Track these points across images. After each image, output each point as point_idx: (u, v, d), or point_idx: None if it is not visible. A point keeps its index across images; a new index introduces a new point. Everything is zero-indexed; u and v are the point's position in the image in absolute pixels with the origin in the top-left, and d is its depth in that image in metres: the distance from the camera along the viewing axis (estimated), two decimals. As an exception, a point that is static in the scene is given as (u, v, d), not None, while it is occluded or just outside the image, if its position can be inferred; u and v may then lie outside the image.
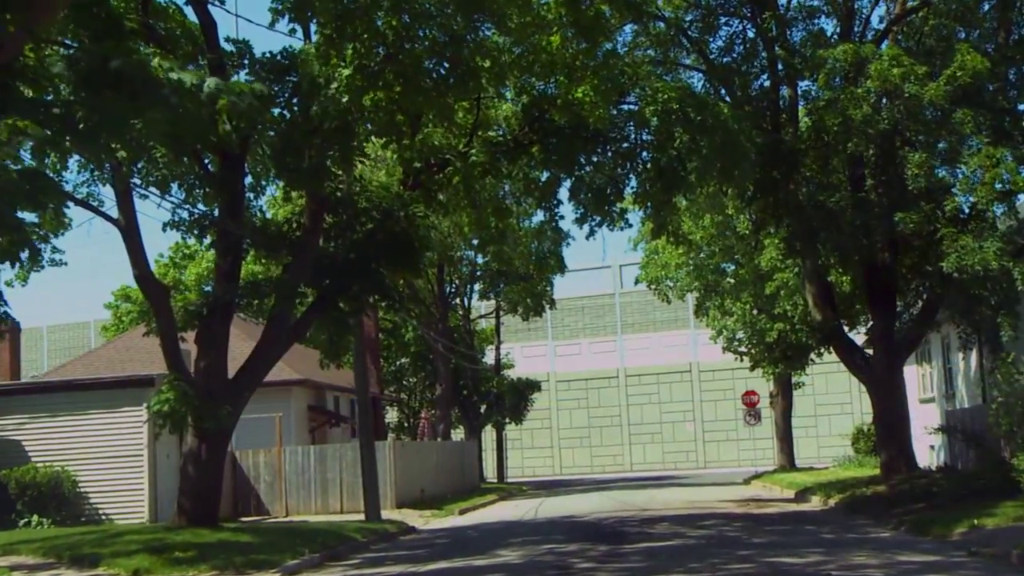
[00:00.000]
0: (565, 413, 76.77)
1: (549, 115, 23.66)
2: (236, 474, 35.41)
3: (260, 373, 22.76)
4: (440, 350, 52.56)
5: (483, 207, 25.42)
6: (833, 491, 30.10)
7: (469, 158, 23.16)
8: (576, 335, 77.60)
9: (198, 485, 21.90)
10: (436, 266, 53.40)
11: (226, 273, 21.99)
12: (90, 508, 28.41)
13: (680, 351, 74.83)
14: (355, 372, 28.72)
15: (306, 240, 22.14)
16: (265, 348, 22.37)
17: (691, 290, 48.86)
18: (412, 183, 23.75)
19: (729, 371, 70.63)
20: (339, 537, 22.72)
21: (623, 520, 26.87)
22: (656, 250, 49.82)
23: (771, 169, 25.16)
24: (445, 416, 53.51)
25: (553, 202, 26.20)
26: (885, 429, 29.07)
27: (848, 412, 70.27)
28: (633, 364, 76.01)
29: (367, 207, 22.68)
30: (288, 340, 22.92)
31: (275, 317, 22.48)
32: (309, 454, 35.40)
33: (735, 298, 45.63)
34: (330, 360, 23.66)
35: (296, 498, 35.09)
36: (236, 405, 22.22)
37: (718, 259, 47.80)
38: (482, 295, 58.87)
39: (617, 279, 77.26)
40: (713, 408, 74.02)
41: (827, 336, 29.63)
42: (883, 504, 24.94)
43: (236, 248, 22.08)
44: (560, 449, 76.79)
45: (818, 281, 29.86)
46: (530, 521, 29.15)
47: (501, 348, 62.90)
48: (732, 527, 23.27)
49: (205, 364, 21.93)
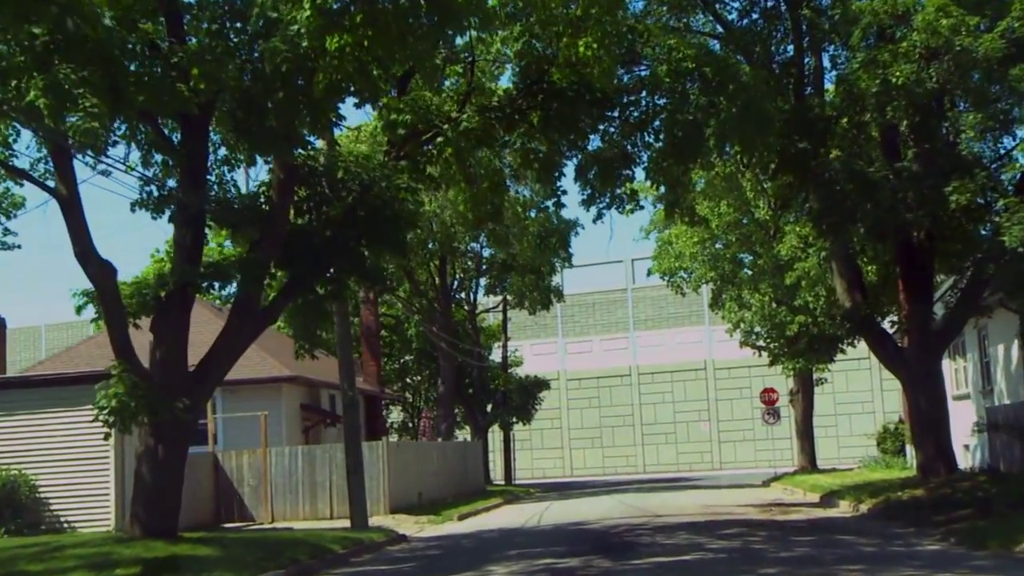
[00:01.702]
0: (576, 413, 74.67)
1: (549, 76, 21.16)
2: (218, 477, 33.02)
3: (225, 364, 20.26)
4: (443, 346, 50.11)
5: (479, 182, 22.88)
6: (864, 495, 27.56)
7: (460, 124, 20.68)
8: (587, 332, 75.43)
9: (154, 490, 19.44)
10: (439, 258, 50.98)
11: (186, 252, 19.51)
12: (51, 515, 25.94)
13: (695, 348, 72.78)
14: (339, 364, 26.25)
15: (274, 214, 19.64)
16: (230, 336, 19.87)
17: (707, 281, 46.28)
18: (397, 153, 21.27)
19: (745, 368, 68.82)
20: (315, 549, 20.23)
21: (634, 528, 24.33)
22: (669, 240, 47.31)
23: (797, 139, 22.56)
24: (448, 415, 51.06)
25: (554, 175, 23.58)
26: (922, 427, 26.45)
27: (870, 411, 68.12)
28: (646, 362, 74.07)
29: (345, 178, 20.16)
30: (256, 327, 20.40)
31: (241, 301, 19.99)
32: (297, 455, 32.96)
33: (753, 289, 43.03)
34: (306, 351, 21.14)
35: (283, 503, 32.66)
36: (197, 399, 19.76)
37: (735, 248, 45.25)
38: (489, 289, 56.39)
39: (629, 274, 75.02)
40: (729, 407, 71.89)
41: (858, 324, 27.00)
42: (923, 510, 22.43)
43: (197, 223, 19.60)
44: (571, 450, 74.65)
45: (847, 265, 27.26)
46: (532, 528, 26.66)
47: (509, 345, 60.50)
48: (756, 537, 20.72)
49: (162, 354, 19.47)
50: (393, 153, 21.31)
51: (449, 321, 52.22)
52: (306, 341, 21.02)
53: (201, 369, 19.97)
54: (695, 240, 44.95)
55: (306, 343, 21.03)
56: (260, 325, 20.41)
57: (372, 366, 49.44)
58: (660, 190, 29.12)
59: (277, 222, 19.62)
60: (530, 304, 53.28)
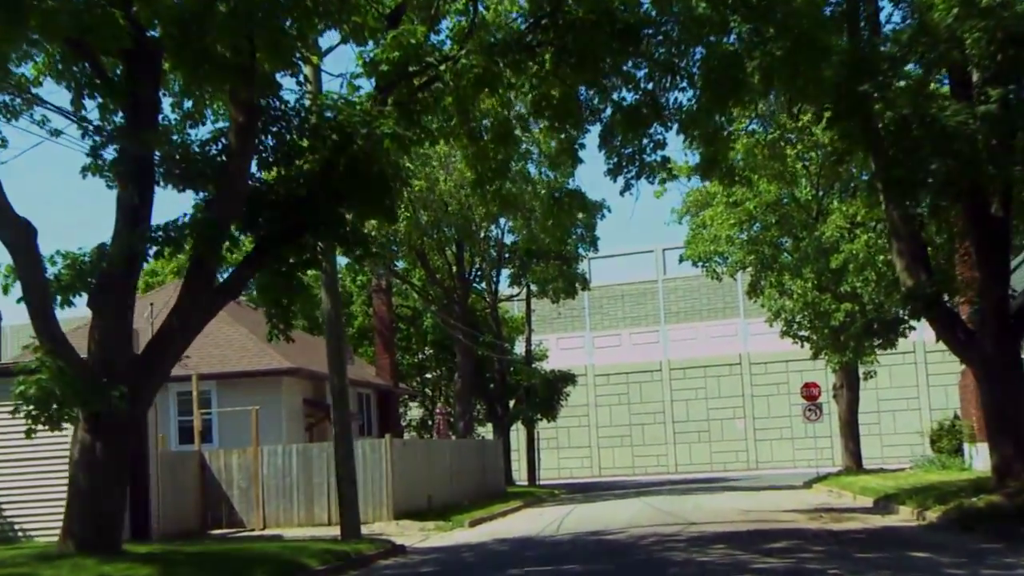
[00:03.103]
0: (604, 410, 71.42)
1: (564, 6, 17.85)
2: (205, 479, 29.91)
3: (178, 346, 17.04)
4: (459, 337, 46.87)
5: (483, 134, 19.54)
6: (928, 500, 24.16)
7: (459, 63, 17.41)
8: (616, 325, 72.08)
9: (91, 498, 16.26)
10: (455, 243, 47.77)
11: (130, 213, 16.33)
12: (4, 523, 22.98)
13: (729, 341, 69.39)
14: (327, 347, 23.02)
15: (232, 165, 16.43)
16: (183, 312, 16.66)
17: (744, 267, 42.68)
18: (384, 99, 17.99)
19: (783, 363, 65.81)
20: (284, 567, 16.97)
21: (664, 539, 20.96)
22: (703, 223, 43.85)
23: (856, 82, 19.06)
24: (465, 411, 47.82)
25: (569, 123, 20.22)
26: (997, 422, 22.88)
27: (915, 408, 64.76)
28: (678, 356, 70.66)
29: (320, 125, 16.94)
30: (215, 301, 17.13)
31: (194, 270, 16.74)
32: (291, 454, 29.77)
33: (795, 275, 39.50)
34: (280, 332, 17.86)
35: (276, 507, 29.51)
36: (144, 386, 16.57)
37: (774, 232, 41.72)
38: (513, 280, 53.06)
39: (660, 264, 71.61)
40: (765, 403, 68.49)
41: (924, 305, 23.47)
42: (1008, 520, 19.11)
43: (144, 178, 16.42)
44: (599, 449, 71.43)
45: (910, 237, 23.73)
46: (548, 538, 23.33)
47: (534, 339, 57.22)
48: (811, 552, 17.32)
49: (102, 336, 16.31)
50: (380, 98, 18.02)
51: (467, 310, 48.97)
52: (280, 321, 17.74)
53: (149, 353, 16.78)
54: (731, 222, 41.52)
55: (280, 323, 17.75)
56: (219, 299, 17.16)
57: (386, 359, 46.47)
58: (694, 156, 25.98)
59: (236, 175, 16.42)
60: (554, 292, 49.90)
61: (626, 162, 25.84)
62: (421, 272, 50.39)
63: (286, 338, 17.91)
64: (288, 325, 17.88)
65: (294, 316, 18.54)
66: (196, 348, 37.31)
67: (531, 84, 19.07)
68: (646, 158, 25.73)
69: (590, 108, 23.80)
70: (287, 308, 17.72)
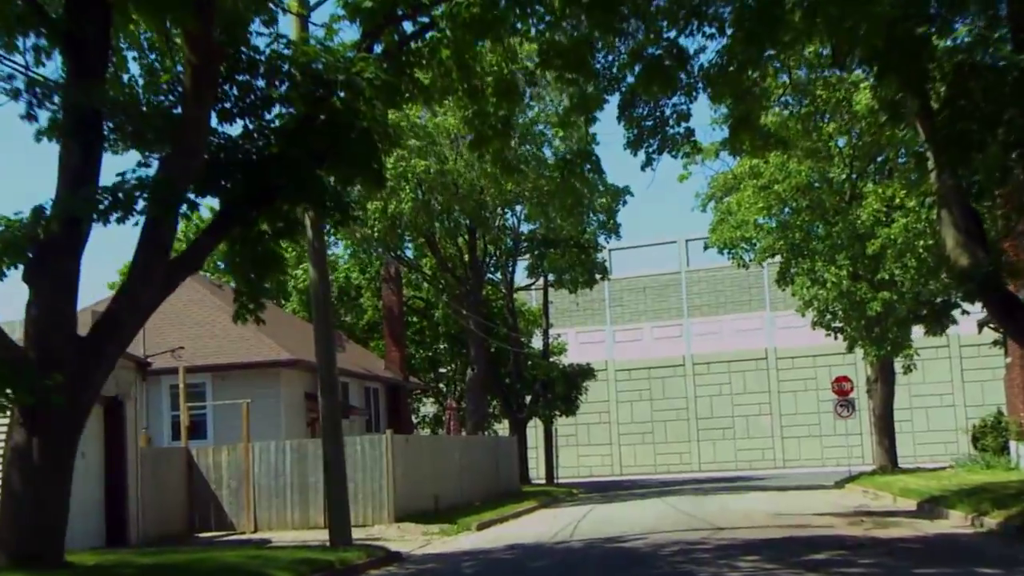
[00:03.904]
0: (625, 406, 69.25)
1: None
2: (192, 478, 27.79)
3: (129, 326, 14.72)
4: (471, 328, 44.59)
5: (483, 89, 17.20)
6: (983, 503, 21.74)
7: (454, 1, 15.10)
8: (637, 318, 69.80)
9: (27, 503, 14.02)
10: (467, 230, 45.52)
11: (73, 173, 14.10)
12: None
13: (755, 335, 67.18)
14: (315, 330, 20.80)
15: (187, 115, 14.17)
16: (135, 288, 14.39)
17: (774, 253, 40.13)
18: (369, 44, 15.69)
19: (810, 357, 63.77)
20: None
21: (690, 548, 18.62)
22: (729, 210, 41.35)
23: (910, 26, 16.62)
24: (478, 406, 45.53)
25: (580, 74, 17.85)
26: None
27: (949, 404, 62.44)
28: (701, 350, 68.43)
29: (295, 72, 14.66)
30: (172, 273, 14.79)
31: (148, 237, 14.41)
32: (284, 451, 27.60)
33: (828, 262, 37.00)
34: (249, 312, 15.57)
35: (268, 508, 27.38)
36: (89, 372, 14.30)
37: (805, 217, 39.21)
38: (531, 272, 50.77)
39: (683, 255, 69.23)
40: (792, 400, 66.22)
41: (981, 286, 20.95)
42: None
43: (90, 133, 14.16)
44: (620, 446, 69.23)
45: (964, 210, 21.21)
46: (560, 545, 20.99)
47: (552, 332, 54.93)
48: (860, 567, 14.95)
49: (39, 314, 14.08)
50: (365, 45, 15.72)
51: (480, 300, 46.68)
52: (251, 298, 15.46)
53: (96, 336, 14.51)
54: (759, 206, 39.05)
55: (250, 301, 15.47)
56: (176, 273, 14.85)
57: (395, 351, 44.27)
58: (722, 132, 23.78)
59: (192, 126, 14.14)
60: (572, 282, 47.54)
61: (647, 135, 23.82)
62: (432, 260, 48.17)
63: (256, 319, 15.64)
64: (259, 304, 15.59)
65: (267, 293, 16.21)
66: (190, 339, 35.40)
67: (538, 30, 16.73)
68: (669, 131, 23.76)
69: (608, 76, 21.81)
70: (260, 284, 15.44)
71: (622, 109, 22.81)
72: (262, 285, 15.54)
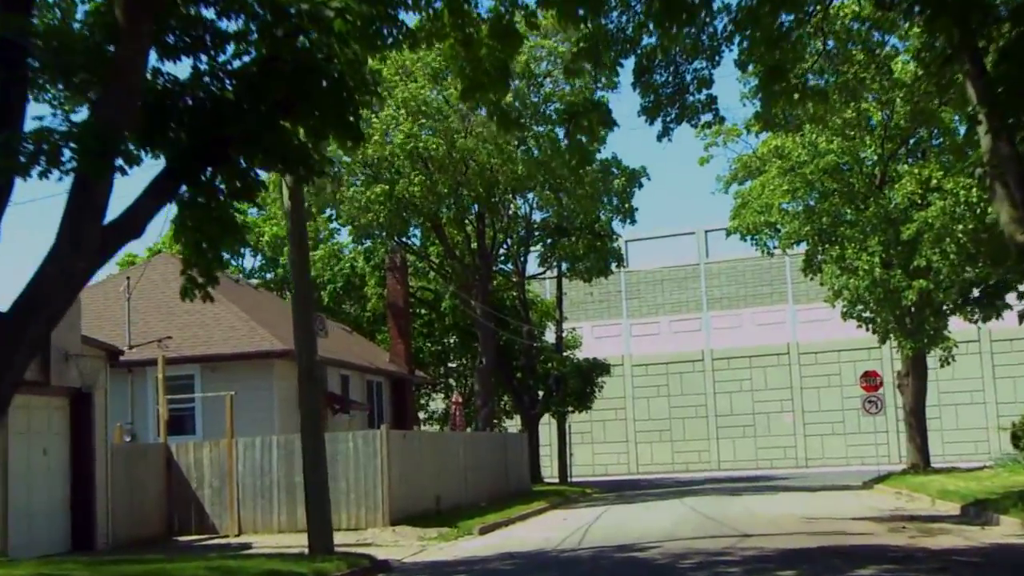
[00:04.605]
0: (642, 402, 67.06)
1: None
2: (172, 476, 25.70)
3: (58, 299, 12.46)
4: (479, 319, 42.46)
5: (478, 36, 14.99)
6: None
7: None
8: (654, 311, 67.61)
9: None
10: (476, 215, 43.41)
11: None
12: None
13: (777, 329, 64.90)
14: (293, 310, 18.67)
15: (123, 56, 11.99)
16: (63, 255, 12.20)
17: (801, 239, 37.81)
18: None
19: (835, 352, 61.78)
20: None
21: (713, 560, 16.39)
22: (752, 195, 39.07)
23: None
24: (486, 401, 43.34)
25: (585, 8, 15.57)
26: None
27: (979, 401, 60.26)
28: (721, 345, 66.03)
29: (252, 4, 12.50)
30: (108, 240, 12.53)
31: (78, 197, 12.20)
32: (271, 448, 25.49)
33: (860, 248, 34.67)
34: (198, 288, 13.36)
35: (253, 509, 25.31)
36: (9, 353, 12.14)
37: (834, 200, 36.90)
38: (542, 260, 48.66)
39: (702, 246, 67.04)
40: (815, 396, 63.96)
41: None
42: None
43: (12, 68, 12.01)
44: (636, 444, 67.07)
45: (1020, 180, 18.95)
46: (565, 554, 18.76)
47: (567, 325, 52.80)
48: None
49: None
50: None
51: (488, 290, 44.54)
52: (202, 272, 13.28)
53: (18, 313, 12.33)
54: (784, 188, 36.76)
55: (200, 274, 13.28)
56: (112, 238, 12.59)
57: (400, 343, 42.27)
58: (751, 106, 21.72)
59: (128, 65, 11.95)
60: (586, 271, 45.36)
61: (666, 102, 21.87)
62: (439, 249, 46.08)
63: (204, 295, 13.44)
64: (212, 278, 13.38)
65: (222, 266, 13.98)
66: (178, 328, 33.36)
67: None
68: (689, 98, 21.84)
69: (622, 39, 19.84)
70: (213, 254, 13.25)
71: (637, 74, 20.93)
72: (216, 255, 13.33)
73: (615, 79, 19.03)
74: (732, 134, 39.12)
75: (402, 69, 38.41)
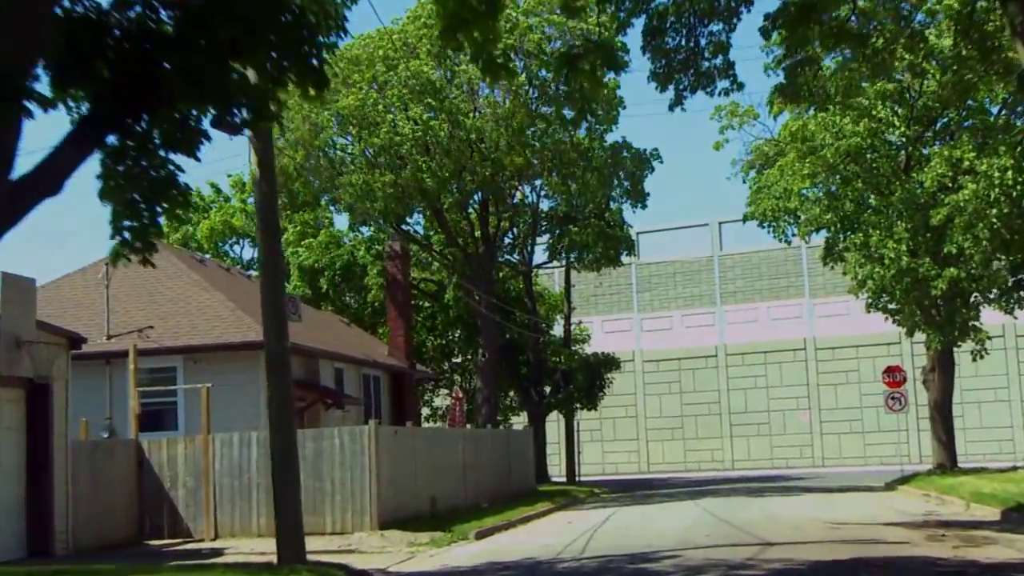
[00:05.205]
0: (653, 399, 65.33)
1: None
2: (143, 475, 23.73)
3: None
4: (482, 310, 40.52)
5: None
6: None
7: None
8: (666, 305, 65.87)
9: None
10: (479, 202, 41.51)
11: None
12: None
13: (793, 324, 63.10)
14: (262, 291, 16.72)
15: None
16: (-36, 217, 10.27)
17: (822, 226, 35.72)
18: None
19: (853, 348, 60.22)
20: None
21: (733, 573, 14.38)
22: (770, 181, 37.02)
23: None
24: (489, 397, 41.40)
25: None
26: None
27: (1004, 399, 58.55)
28: (735, 340, 64.14)
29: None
30: (19, 196, 10.45)
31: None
32: (249, 445, 23.49)
33: (885, 234, 32.57)
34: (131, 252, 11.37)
35: (231, 512, 23.34)
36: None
37: (857, 185, 34.83)
38: (550, 251, 46.68)
39: (715, 238, 65.30)
40: (833, 393, 62.11)
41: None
42: None
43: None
44: (647, 442, 65.39)
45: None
46: (566, 565, 16.73)
47: (575, 319, 50.94)
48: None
49: None
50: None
51: (492, 279, 42.61)
52: (135, 233, 11.26)
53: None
54: (805, 172, 34.69)
55: (135, 237, 11.28)
56: (25, 194, 10.50)
57: (400, 336, 40.41)
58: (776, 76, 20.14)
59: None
60: (595, 261, 43.38)
61: (679, 68, 20.17)
62: (442, 237, 44.18)
63: (142, 260, 11.42)
64: (148, 243, 11.37)
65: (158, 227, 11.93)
66: (160, 316, 31.44)
67: None
68: (704, 63, 20.14)
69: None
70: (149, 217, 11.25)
71: (647, 37, 19.21)
72: (153, 215, 11.35)
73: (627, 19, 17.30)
74: (749, 115, 37.14)
75: (406, 46, 36.56)
